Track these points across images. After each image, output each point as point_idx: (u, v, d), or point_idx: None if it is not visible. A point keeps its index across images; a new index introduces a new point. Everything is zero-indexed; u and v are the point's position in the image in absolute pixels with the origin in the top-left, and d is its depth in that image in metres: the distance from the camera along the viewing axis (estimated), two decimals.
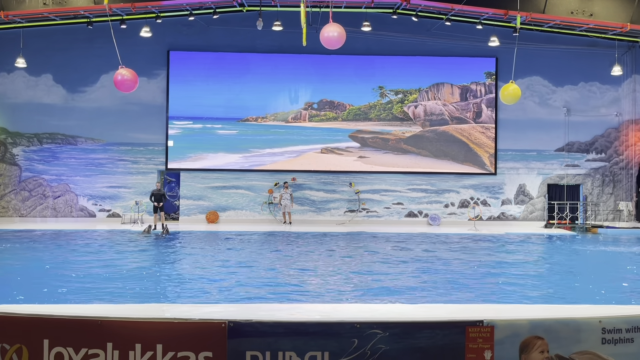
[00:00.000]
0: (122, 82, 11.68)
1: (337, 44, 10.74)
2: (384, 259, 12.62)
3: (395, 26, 20.44)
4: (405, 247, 14.73)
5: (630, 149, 21.63)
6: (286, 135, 21.27)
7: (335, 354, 4.32)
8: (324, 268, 11.49)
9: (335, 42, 10.68)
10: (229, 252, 13.90)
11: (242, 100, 21.17)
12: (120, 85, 11.75)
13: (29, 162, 20.70)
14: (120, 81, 11.70)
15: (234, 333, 4.33)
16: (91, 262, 11.80)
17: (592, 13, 17.89)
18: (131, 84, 11.75)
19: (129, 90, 12.11)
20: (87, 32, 19.67)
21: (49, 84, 20.73)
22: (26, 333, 4.35)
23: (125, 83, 11.67)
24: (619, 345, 4.52)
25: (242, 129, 21.25)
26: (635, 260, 13.30)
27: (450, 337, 4.40)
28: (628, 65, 21.23)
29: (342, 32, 10.64)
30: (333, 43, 10.70)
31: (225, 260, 12.45)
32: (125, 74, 11.69)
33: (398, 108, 21.47)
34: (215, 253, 13.67)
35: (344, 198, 21.21)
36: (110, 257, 12.70)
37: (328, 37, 10.66)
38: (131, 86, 11.83)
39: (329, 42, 10.70)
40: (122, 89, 11.93)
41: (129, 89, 11.96)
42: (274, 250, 14.14)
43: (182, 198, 20.98)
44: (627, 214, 21.36)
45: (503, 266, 11.89)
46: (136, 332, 4.34)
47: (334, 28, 10.66)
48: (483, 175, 21.38)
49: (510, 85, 12.96)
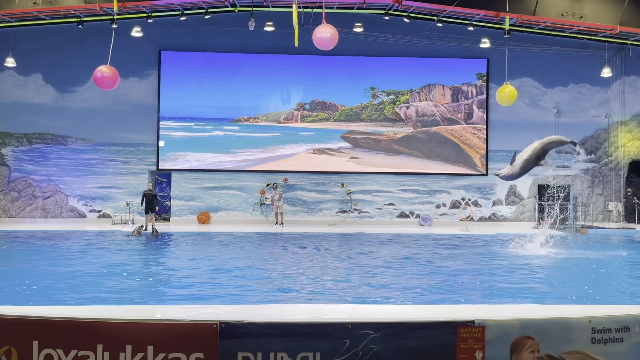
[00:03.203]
0: (102, 79, 11.72)
1: (330, 45, 10.75)
2: (376, 260, 12.63)
3: (387, 27, 20.48)
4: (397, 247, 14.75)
5: (619, 150, 21.81)
6: (278, 136, 21.24)
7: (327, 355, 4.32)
8: (316, 268, 11.48)
9: (328, 43, 10.70)
10: (220, 252, 13.86)
11: (233, 100, 21.12)
12: (100, 82, 11.81)
13: (18, 163, 20.53)
14: (99, 78, 11.73)
15: (226, 334, 4.31)
16: (81, 264, 11.71)
17: (582, 15, 18.03)
18: (111, 81, 11.81)
19: (109, 87, 12.21)
20: (77, 31, 19.55)
21: (39, 83, 20.57)
22: (15, 335, 4.31)
23: (105, 80, 11.72)
24: (609, 345, 4.55)
25: (233, 130, 21.20)
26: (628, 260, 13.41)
27: (441, 337, 4.42)
28: (617, 67, 21.42)
29: (334, 33, 10.65)
30: (326, 44, 10.71)
31: (216, 261, 12.41)
32: (105, 71, 11.73)
33: (390, 109, 21.51)
34: (207, 254, 13.62)
35: (336, 199, 21.22)
36: (100, 258, 12.62)
37: (321, 38, 10.66)
38: (111, 83, 11.90)
39: (321, 43, 10.70)
40: (102, 86, 12.01)
41: (108, 86, 12.03)
42: (265, 251, 14.12)
43: (174, 199, 20.89)
44: (616, 215, 21.54)
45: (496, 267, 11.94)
46: (127, 333, 4.31)
47: (327, 29, 10.67)
48: (474, 176, 21.48)
49: (507, 87, 13.03)
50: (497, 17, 18.60)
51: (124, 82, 20.64)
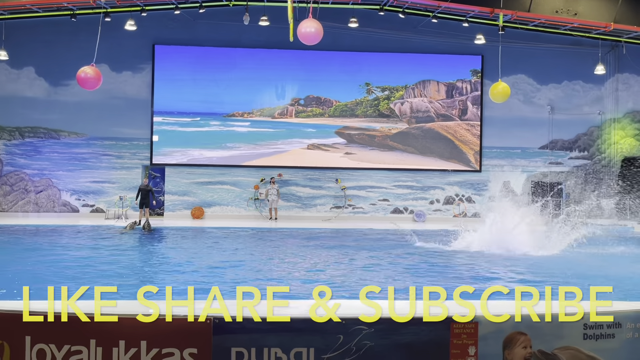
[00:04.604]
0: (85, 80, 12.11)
1: (315, 40, 10.73)
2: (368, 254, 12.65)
3: (382, 23, 20.45)
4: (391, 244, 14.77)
5: (612, 147, 21.92)
6: (272, 131, 21.21)
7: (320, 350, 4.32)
8: (311, 264, 11.49)
9: (312, 38, 10.67)
10: (214, 247, 13.83)
11: (228, 95, 21.05)
12: (83, 82, 12.23)
13: (10, 156, 20.39)
14: (83, 78, 12.12)
15: (219, 329, 4.31)
16: (73, 258, 11.66)
17: (576, 12, 18.08)
18: (94, 81, 12.31)
19: (92, 88, 12.89)
20: (70, 24, 19.40)
21: (32, 77, 20.41)
22: (8, 329, 4.29)
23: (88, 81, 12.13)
24: (600, 341, 4.59)
25: (228, 124, 21.14)
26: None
27: (435, 333, 4.44)
28: (611, 65, 21.50)
29: (319, 27, 10.63)
30: (310, 39, 10.69)
31: (210, 256, 12.39)
32: (89, 72, 12.14)
33: (384, 105, 21.51)
34: (200, 249, 13.60)
35: (330, 194, 21.22)
36: (92, 253, 12.57)
37: (305, 32, 10.65)
38: (94, 84, 12.36)
39: (306, 37, 10.69)
40: (85, 86, 12.47)
41: (92, 86, 12.48)
42: (260, 246, 14.11)
43: (167, 193, 20.83)
44: (608, 211, 21.66)
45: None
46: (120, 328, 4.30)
47: (311, 23, 10.65)
48: (468, 172, 21.54)
49: (500, 84, 13.06)
50: (492, 14, 18.62)
51: (117, 76, 20.57)
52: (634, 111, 21.96)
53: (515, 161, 21.70)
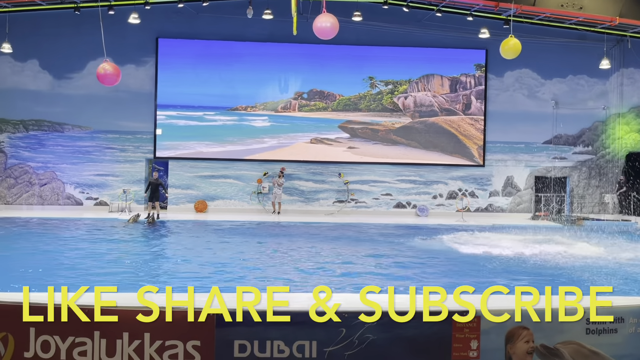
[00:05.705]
0: (105, 76, 11.97)
1: (330, 35, 10.72)
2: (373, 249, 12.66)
3: (386, 16, 20.35)
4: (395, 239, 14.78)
5: (616, 142, 21.83)
6: (275, 125, 21.19)
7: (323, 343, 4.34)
8: (313, 258, 11.51)
9: (328, 33, 10.67)
10: (217, 241, 13.86)
11: (231, 89, 21.02)
12: (103, 79, 12.07)
13: (14, 149, 20.44)
14: (102, 75, 11.97)
15: (222, 322, 4.33)
16: (78, 251, 11.71)
17: (581, 6, 17.95)
18: (114, 77, 12.10)
19: (111, 84, 12.51)
20: (74, 17, 19.38)
21: (35, 69, 20.42)
22: (12, 321, 4.32)
23: (107, 77, 11.99)
24: (603, 336, 4.59)
25: (231, 118, 21.13)
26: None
27: (437, 326, 4.45)
28: (616, 59, 21.37)
29: (335, 22, 10.61)
30: (326, 33, 10.68)
31: (213, 250, 12.42)
32: (108, 69, 11.98)
33: (388, 99, 21.46)
34: (204, 242, 13.63)
35: (333, 188, 21.22)
36: (97, 245, 12.62)
37: (321, 27, 10.62)
38: (114, 80, 12.19)
39: (322, 32, 10.66)
40: (105, 82, 12.30)
41: (111, 82, 12.31)
42: (262, 241, 14.13)
43: (171, 187, 20.85)
44: (612, 207, 21.61)
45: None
46: (124, 320, 4.32)
47: (327, 18, 10.62)
48: (471, 167, 21.49)
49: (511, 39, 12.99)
50: (497, 7, 18.51)
51: (121, 69, 20.47)
52: (638, 106, 21.85)
53: (519, 156, 21.64)
